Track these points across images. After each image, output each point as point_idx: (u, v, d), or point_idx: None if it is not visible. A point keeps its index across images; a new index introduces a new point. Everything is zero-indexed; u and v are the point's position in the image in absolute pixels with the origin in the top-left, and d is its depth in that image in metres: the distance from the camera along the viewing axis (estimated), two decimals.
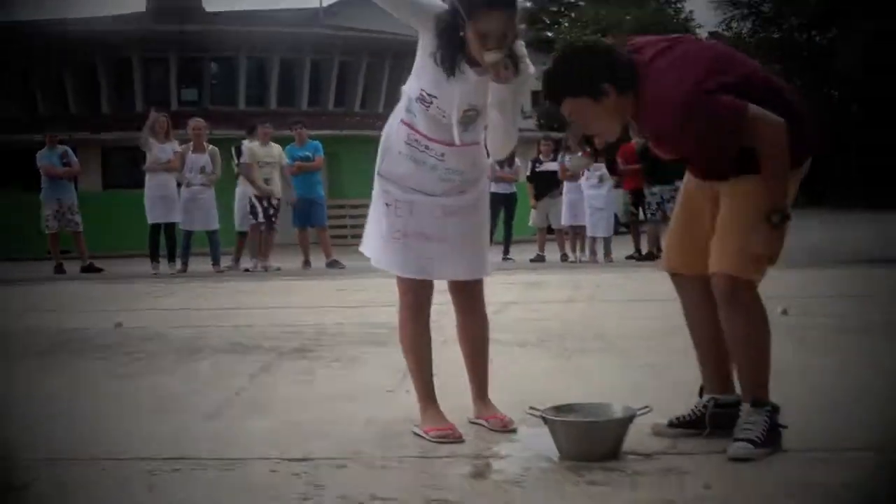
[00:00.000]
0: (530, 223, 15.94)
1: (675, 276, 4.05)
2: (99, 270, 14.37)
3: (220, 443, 4.14)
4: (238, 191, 14.50)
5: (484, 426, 4.21)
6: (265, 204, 14.13)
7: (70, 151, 15.06)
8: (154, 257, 14.04)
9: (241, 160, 14.17)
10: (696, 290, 3.93)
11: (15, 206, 21.86)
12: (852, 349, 6.13)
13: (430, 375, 4.24)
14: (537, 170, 15.67)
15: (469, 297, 4.32)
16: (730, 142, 3.60)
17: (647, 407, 3.77)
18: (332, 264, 14.46)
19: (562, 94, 3.80)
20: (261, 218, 14.14)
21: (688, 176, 4.04)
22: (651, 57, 3.74)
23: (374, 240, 4.19)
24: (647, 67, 3.72)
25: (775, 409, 3.73)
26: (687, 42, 3.87)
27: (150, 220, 14.06)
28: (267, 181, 14.15)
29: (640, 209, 15.12)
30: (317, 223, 15.08)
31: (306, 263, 14.69)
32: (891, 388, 4.91)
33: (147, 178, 14.14)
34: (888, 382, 5.04)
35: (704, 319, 3.93)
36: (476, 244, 4.23)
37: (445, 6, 3.89)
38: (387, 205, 4.11)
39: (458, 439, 3.99)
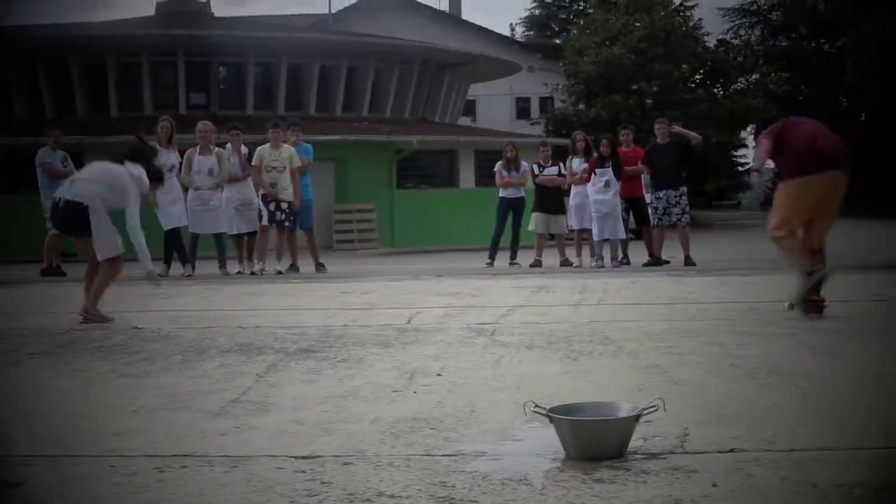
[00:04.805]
0: (530, 227, 15.79)
1: None
2: (63, 274, 14.13)
3: (227, 440, 4.14)
4: (223, 195, 14.34)
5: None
6: (272, 207, 13.98)
7: (69, 158, 15.00)
8: (166, 260, 13.99)
9: (248, 164, 14.06)
10: None
11: (17, 209, 21.69)
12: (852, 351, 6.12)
13: None
14: (539, 174, 15.62)
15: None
16: None
17: (653, 405, 3.76)
18: (319, 268, 14.47)
19: None
20: (265, 221, 14.03)
21: None
22: None
23: None
24: None
25: None
26: None
27: (165, 226, 13.90)
28: (273, 185, 13.98)
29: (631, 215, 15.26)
30: (303, 226, 14.87)
31: (292, 267, 14.32)
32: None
33: None
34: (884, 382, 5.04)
35: None
36: None
37: None
38: None
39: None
